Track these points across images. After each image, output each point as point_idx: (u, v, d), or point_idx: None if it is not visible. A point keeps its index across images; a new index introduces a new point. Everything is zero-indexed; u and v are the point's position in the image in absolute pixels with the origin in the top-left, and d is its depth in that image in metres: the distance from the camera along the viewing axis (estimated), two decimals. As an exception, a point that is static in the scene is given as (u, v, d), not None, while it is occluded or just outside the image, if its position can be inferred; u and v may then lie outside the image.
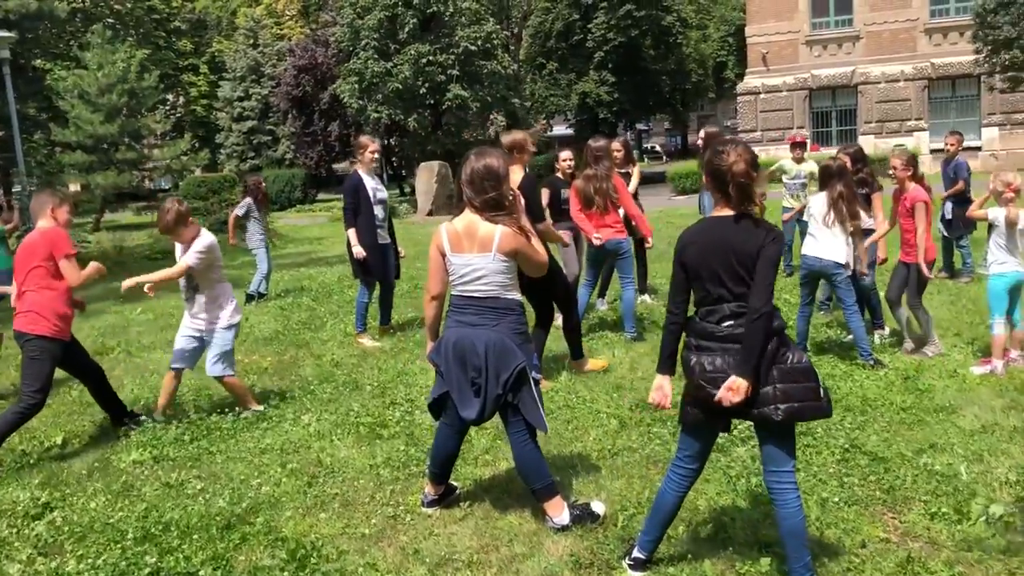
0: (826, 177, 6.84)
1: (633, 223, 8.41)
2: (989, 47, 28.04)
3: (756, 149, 9.76)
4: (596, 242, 7.89)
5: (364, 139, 8.47)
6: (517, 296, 4.15)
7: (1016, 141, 32.15)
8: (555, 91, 40.18)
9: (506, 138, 6.36)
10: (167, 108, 46.22)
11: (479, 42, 30.36)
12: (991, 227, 6.52)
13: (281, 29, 47.04)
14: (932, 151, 32.22)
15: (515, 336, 4.07)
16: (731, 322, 3.39)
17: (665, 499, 3.70)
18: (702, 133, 9.09)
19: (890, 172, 7.11)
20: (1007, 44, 27.11)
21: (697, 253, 3.45)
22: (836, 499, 4.33)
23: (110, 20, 35.21)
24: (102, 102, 26.89)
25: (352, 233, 8.21)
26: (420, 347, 8.18)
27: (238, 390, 6.34)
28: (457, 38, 30.22)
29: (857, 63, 34.39)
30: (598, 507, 4.27)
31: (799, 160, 10.38)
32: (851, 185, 6.79)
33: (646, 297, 9.86)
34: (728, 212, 3.43)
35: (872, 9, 33.96)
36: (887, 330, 7.70)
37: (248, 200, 11.46)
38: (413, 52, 29.90)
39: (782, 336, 3.40)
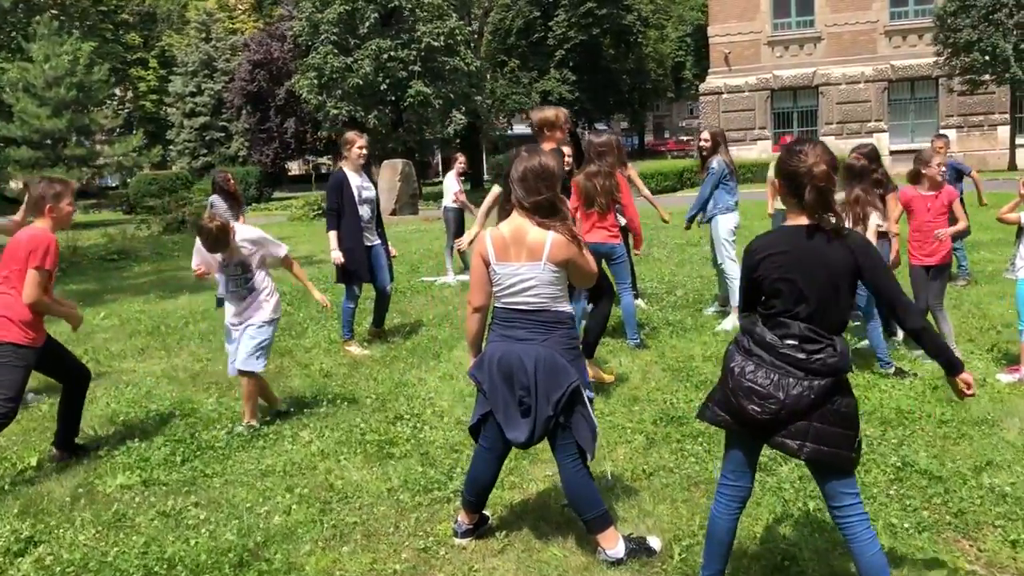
0: (849, 177, 6.54)
1: (628, 225, 8.02)
2: (949, 49, 28.34)
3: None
4: None
5: (351, 135, 7.99)
6: (568, 308, 3.76)
7: (973, 143, 32.58)
8: (516, 89, 39.80)
9: (536, 114, 5.87)
10: (115, 103, 44.92)
11: (442, 38, 29.83)
12: (1021, 231, 6.29)
13: (234, 23, 45.97)
14: (892, 152, 32.54)
15: (566, 352, 3.69)
16: (795, 343, 3.05)
17: (718, 524, 3.34)
18: (705, 134, 8.76)
19: (937, 164, 6.79)
20: (967, 47, 27.40)
21: (777, 267, 3.09)
22: (905, 525, 4.01)
23: (54, 11, 34.03)
24: (49, 96, 25.93)
25: (333, 236, 7.74)
26: (413, 355, 7.77)
27: (254, 396, 5.87)
28: (419, 33, 29.66)
29: (818, 64, 34.58)
30: (654, 542, 3.90)
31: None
32: (869, 189, 6.50)
33: (639, 302, 9.52)
34: (804, 221, 3.08)
35: (833, 10, 34.18)
36: (900, 336, 7.45)
37: (214, 197, 10.89)
38: (374, 47, 29.29)
39: (840, 377, 3.06)
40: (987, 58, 27.15)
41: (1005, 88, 29.91)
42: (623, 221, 7.87)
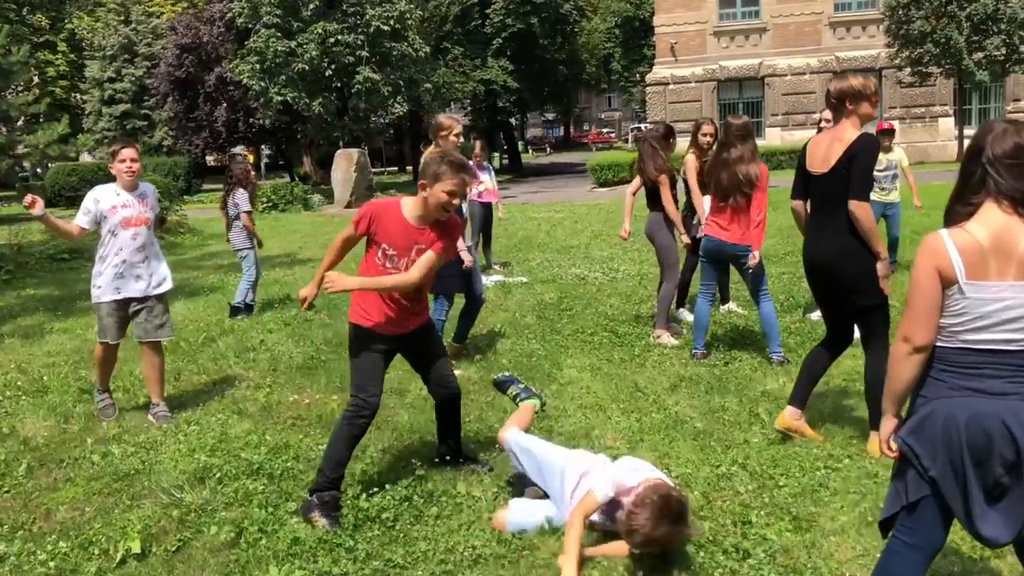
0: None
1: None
2: (900, 41, 28.25)
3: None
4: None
5: (445, 119, 6.75)
6: (1059, 348, 2.65)
7: (915, 134, 32.81)
8: (457, 78, 38.45)
9: (836, 84, 4.76)
10: (20, 88, 41.68)
11: (391, 22, 28.26)
12: None
13: (151, 6, 43.20)
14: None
15: (1060, 410, 2.59)
16: None
17: None
18: (825, 113, 7.77)
19: None
20: (921, 38, 27.32)
21: None
22: None
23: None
24: (-37, 78, 23.42)
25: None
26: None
27: None
28: (367, 17, 28.04)
29: (764, 55, 34.36)
30: None
31: (887, 150, 9.25)
32: None
33: (732, 306, 8.51)
34: None
35: (779, 1, 33.96)
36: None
37: (239, 193, 9.49)
38: (319, 31, 27.57)
39: None
40: (939, 50, 27.16)
41: (948, 81, 30.12)
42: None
